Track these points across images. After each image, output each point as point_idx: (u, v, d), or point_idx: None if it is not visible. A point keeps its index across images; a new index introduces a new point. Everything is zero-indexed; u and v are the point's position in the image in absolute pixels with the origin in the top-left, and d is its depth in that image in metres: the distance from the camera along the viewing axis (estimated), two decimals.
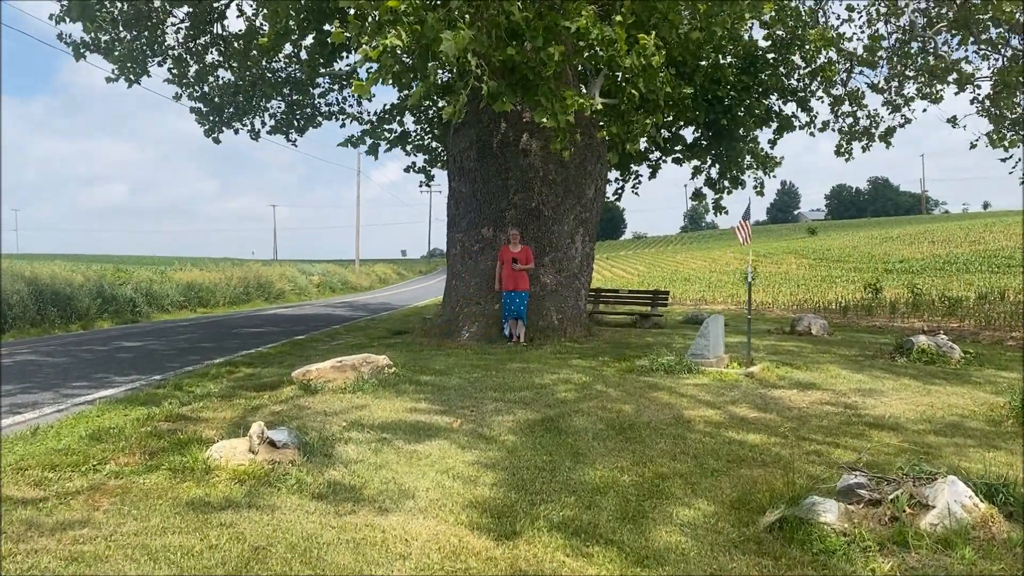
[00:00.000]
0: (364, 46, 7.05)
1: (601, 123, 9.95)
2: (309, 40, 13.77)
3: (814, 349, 11.67)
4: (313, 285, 40.76)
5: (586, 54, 8.54)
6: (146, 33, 13.61)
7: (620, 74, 9.74)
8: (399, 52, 7.94)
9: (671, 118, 14.89)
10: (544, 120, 7.99)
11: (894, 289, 25.70)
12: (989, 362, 10.46)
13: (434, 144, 16.69)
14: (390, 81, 8.07)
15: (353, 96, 16.73)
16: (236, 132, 18.37)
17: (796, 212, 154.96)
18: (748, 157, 17.21)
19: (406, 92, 13.07)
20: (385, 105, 15.44)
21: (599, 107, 8.62)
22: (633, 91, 8.87)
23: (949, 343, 10.59)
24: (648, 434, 6.07)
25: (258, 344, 13.19)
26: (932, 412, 6.99)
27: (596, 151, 12.80)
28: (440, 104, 15.34)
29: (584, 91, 9.34)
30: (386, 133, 13.67)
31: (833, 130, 16.20)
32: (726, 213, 19.70)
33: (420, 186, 20.89)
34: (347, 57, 15.40)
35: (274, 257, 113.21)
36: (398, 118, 14.23)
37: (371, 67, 7.85)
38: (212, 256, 69.73)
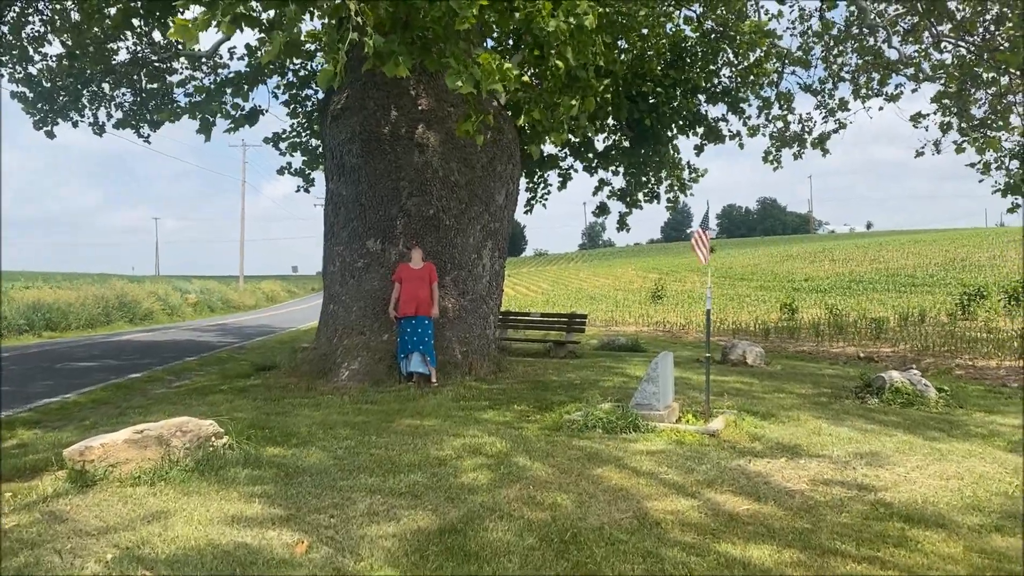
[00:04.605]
0: None
1: (523, 105, 7.78)
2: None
3: (763, 387, 9.86)
4: (188, 304, 36.90)
5: (499, 7, 6.36)
6: None
7: (541, 46, 7.65)
8: None
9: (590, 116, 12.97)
10: (459, 84, 5.74)
11: (809, 309, 24.77)
12: (967, 402, 8.89)
13: (313, 142, 14.10)
14: (230, 26, 5.67)
15: (222, 86, 13.93)
16: (75, 125, 15.37)
17: (688, 231, 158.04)
18: (666, 169, 15.62)
19: (261, 52, 10.35)
20: (227, 74, 12.75)
21: (524, 78, 6.46)
22: (559, 62, 6.76)
23: (923, 380, 8.97)
24: (604, 555, 3.91)
25: (77, 386, 10.30)
26: (971, 491, 5.14)
27: (507, 149, 10.66)
28: (316, 89, 12.91)
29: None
30: (227, 108, 10.90)
31: (764, 135, 14.69)
32: (628, 230, 18.08)
33: (298, 190, 18.86)
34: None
35: (156, 272, 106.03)
36: (246, 88, 11.37)
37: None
38: (90, 272, 63.68)
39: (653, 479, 5.18)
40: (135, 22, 13.12)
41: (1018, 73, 10.45)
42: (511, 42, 12.83)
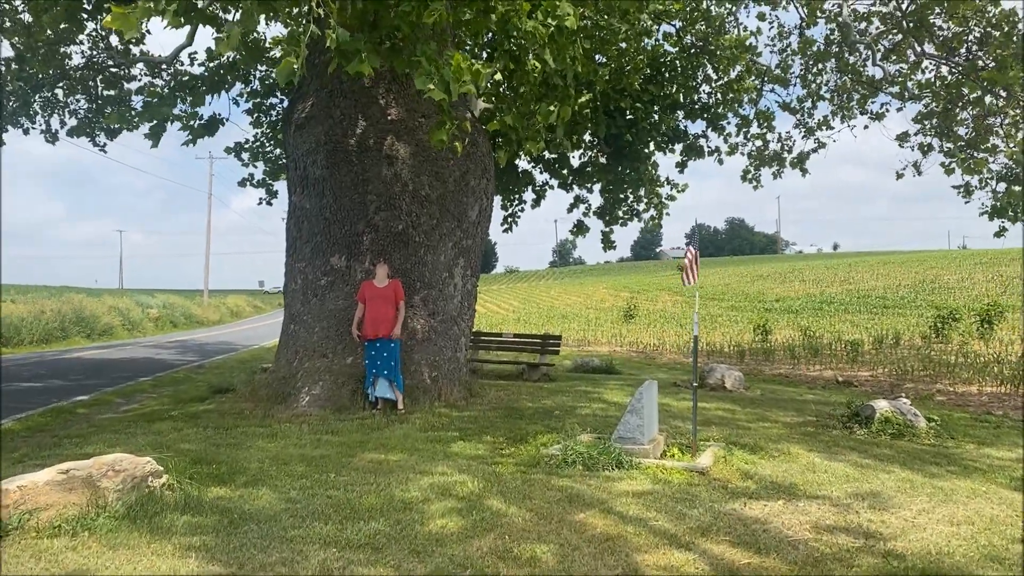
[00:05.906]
0: None
1: (497, 110, 7.32)
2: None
3: (747, 414, 9.44)
4: (150, 319, 35.82)
5: (475, 5, 5.89)
6: None
7: (517, 55, 7.20)
8: None
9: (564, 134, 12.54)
10: (430, 88, 5.25)
11: (782, 330, 24.55)
12: (957, 432, 8.54)
13: (276, 151, 13.50)
14: (177, 19, 5.15)
15: (176, 90, 13.29)
16: (26, 132, 14.68)
17: (658, 249, 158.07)
18: (644, 186, 15.28)
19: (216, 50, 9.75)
20: (181, 76, 12.08)
21: (497, 76, 6.01)
22: (537, 63, 6.31)
23: (913, 410, 8.62)
24: None
25: (14, 411, 9.55)
26: (985, 538, 4.71)
27: (480, 163, 10.18)
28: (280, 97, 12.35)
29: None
30: (183, 116, 10.19)
31: (742, 153, 14.42)
32: (614, 248, 17.63)
33: (260, 203, 18.30)
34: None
35: (119, 286, 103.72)
36: (205, 92, 10.67)
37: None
38: (51, 285, 61.88)
39: (642, 526, 4.68)
40: (90, 25, 12.49)
41: (1004, 93, 10.23)
42: (485, 54, 12.42)
